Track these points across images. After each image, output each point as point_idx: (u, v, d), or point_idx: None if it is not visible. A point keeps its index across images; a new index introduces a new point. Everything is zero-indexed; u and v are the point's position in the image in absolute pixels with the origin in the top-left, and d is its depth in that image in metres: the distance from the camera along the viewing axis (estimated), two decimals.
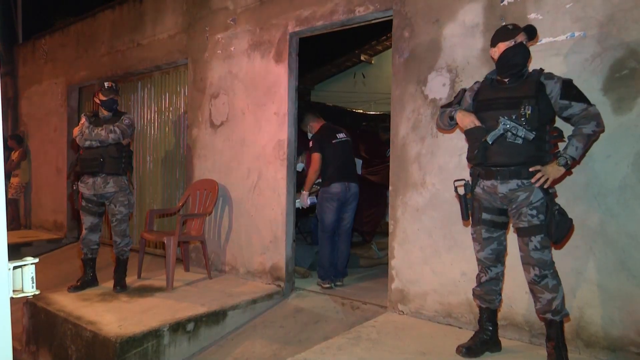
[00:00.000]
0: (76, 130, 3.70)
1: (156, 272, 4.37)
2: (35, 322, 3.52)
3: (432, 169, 3.06)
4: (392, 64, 3.29)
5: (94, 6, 5.92)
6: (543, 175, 2.25)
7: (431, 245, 3.05)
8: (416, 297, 3.13)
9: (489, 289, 2.48)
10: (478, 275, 2.52)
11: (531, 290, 2.34)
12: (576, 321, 2.52)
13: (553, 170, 2.24)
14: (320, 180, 4.11)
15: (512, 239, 2.57)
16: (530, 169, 2.26)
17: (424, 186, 3.09)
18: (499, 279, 2.48)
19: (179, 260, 4.55)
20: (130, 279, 3.99)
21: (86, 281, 3.80)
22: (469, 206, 2.44)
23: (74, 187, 3.74)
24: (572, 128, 2.27)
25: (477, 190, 2.43)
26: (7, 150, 7.05)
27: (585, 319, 2.50)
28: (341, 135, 4.10)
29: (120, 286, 3.76)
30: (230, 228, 4.28)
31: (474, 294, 2.54)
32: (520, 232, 2.31)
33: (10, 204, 7.10)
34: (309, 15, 3.68)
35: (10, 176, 7.10)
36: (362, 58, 9.11)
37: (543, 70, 2.33)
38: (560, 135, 2.32)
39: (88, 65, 5.99)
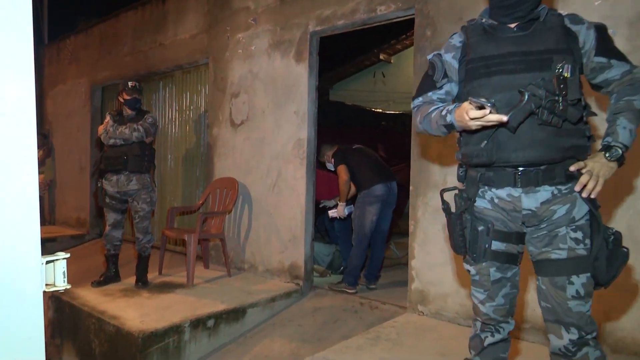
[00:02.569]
0: (101, 129, 3.76)
1: (177, 269, 4.41)
2: (59, 315, 3.60)
3: (453, 168, 3.02)
4: (413, 63, 3.26)
5: (117, 7, 6.01)
6: (592, 178, 1.45)
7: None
8: (436, 298, 3.10)
9: (494, 357, 1.65)
10: (477, 336, 1.66)
11: None
12: (602, 326, 2.46)
13: (602, 167, 1.44)
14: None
15: None
16: (571, 168, 1.47)
17: (445, 186, 3.05)
18: (509, 339, 1.66)
19: (199, 257, 4.59)
20: (152, 275, 4.04)
21: (109, 277, 3.87)
22: (465, 231, 1.58)
23: (99, 185, 3.81)
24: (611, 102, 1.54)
25: (481, 204, 1.59)
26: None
27: (612, 324, 2.44)
28: (357, 145, 4.17)
29: (142, 282, 3.81)
30: (250, 226, 4.30)
31: None
32: (551, 269, 1.50)
33: None
34: (330, 14, 3.67)
35: None
36: (382, 57, 9.06)
37: (556, 10, 1.54)
38: (590, 111, 1.52)
39: (111, 66, 6.09)
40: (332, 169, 4.09)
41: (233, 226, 4.45)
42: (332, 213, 4.12)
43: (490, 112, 1.34)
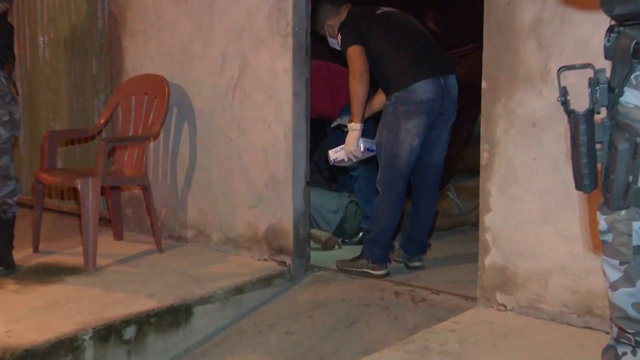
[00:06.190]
0: None
1: (65, 241, 4.47)
2: None
3: (561, 47, 2.98)
4: None
5: None
6: None
7: (557, 188, 3.03)
8: (529, 280, 3.15)
9: None
10: (610, 348, 1.73)
11: None
12: None
13: None
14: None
15: None
16: None
17: (546, 80, 3.03)
18: None
19: (105, 220, 4.63)
20: (22, 254, 4.09)
21: None
22: (597, 147, 1.57)
23: None
24: None
25: (630, 99, 1.56)
26: None
27: None
28: (385, 8, 4.01)
29: (5, 265, 3.85)
30: (194, 162, 4.32)
31: None
32: None
33: None
34: None
35: None
36: None
37: None
38: None
39: None
40: (338, 48, 4.01)
41: (163, 163, 4.47)
42: (334, 154, 4.01)
43: None
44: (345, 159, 3.96)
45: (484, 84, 3.23)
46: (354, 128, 3.86)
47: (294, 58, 3.82)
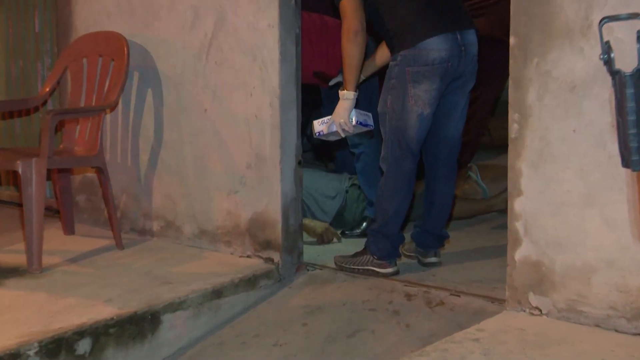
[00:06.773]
0: None
1: (4, 235, 4.49)
2: None
3: None
4: None
5: None
6: None
7: (602, 165, 3.04)
8: (568, 278, 3.16)
9: None
10: None
11: None
12: None
13: None
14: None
15: None
16: None
17: (588, 35, 3.04)
18: None
19: (52, 210, 4.63)
20: None
21: None
22: None
23: None
24: None
25: None
26: None
27: None
28: None
29: None
30: (160, 139, 4.33)
31: None
32: None
33: None
34: None
35: None
36: None
37: None
38: None
39: None
40: None
41: (122, 140, 4.49)
42: (319, 126, 3.96)
43: None
44: (328, 133, 3.94)
45: (512, 41, 3.23)
46: (347, 97, 3.81)
47: (280, 10, 3.81)
